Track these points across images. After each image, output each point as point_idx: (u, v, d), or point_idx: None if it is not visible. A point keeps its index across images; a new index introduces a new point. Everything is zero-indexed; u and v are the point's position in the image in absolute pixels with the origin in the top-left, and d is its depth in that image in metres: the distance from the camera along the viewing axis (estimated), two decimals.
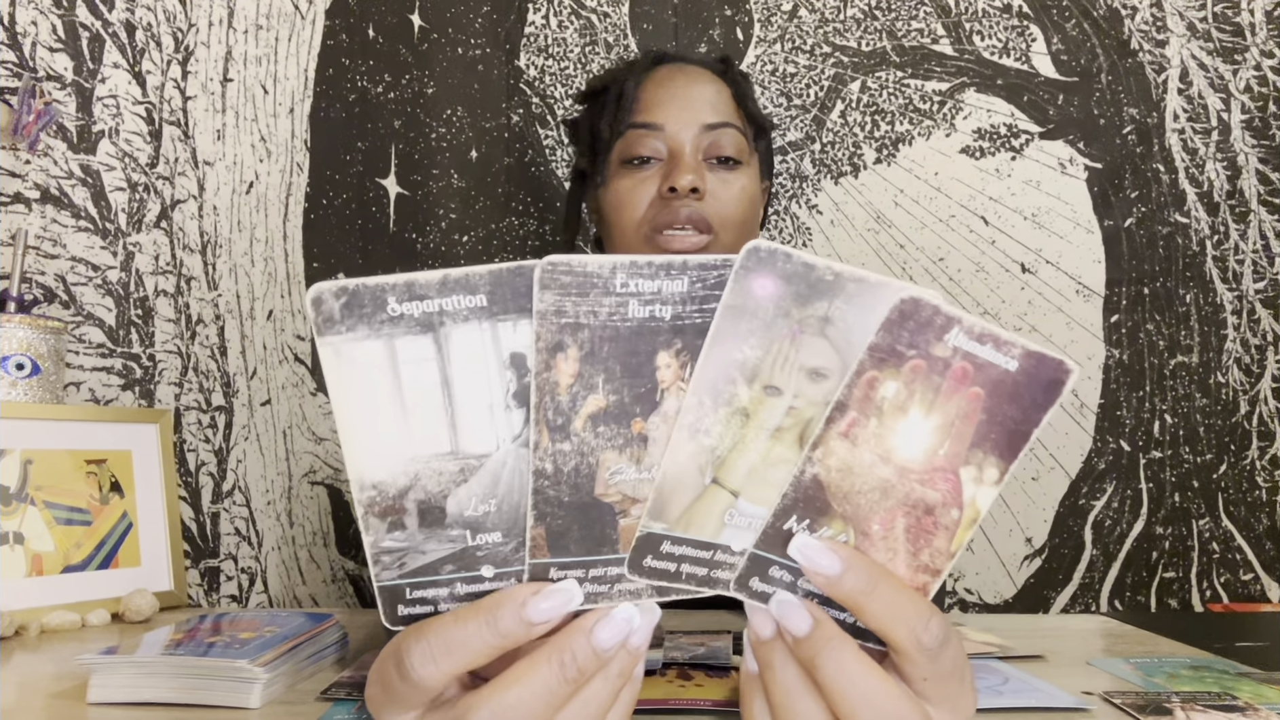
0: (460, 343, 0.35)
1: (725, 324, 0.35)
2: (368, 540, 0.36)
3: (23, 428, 0.84)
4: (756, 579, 0.39)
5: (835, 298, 0.36)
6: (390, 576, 0.37)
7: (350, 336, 0.35)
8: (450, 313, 0.35)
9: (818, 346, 0.36)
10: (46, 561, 0.82)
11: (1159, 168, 1.17)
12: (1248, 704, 0.54)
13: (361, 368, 0.35)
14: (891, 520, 0.38)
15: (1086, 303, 1.17)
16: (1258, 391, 1.16)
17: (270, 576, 1.12)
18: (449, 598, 0.37)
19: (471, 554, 0.37)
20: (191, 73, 1.12)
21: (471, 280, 0.35)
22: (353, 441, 0.36)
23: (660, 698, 0.52)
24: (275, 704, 0.55)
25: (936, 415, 0.37)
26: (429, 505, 0.36)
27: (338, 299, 0.34)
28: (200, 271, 1.11)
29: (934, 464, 0.37)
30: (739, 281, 0.35)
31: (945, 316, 0.36)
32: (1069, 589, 1.15)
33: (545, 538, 0.37)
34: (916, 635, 0.36)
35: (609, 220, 0.86)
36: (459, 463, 0.36)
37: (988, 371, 0.36)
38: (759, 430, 0.37)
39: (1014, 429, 0.37)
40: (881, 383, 0.36)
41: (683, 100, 0.84)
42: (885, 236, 1.17)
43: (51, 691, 0.58)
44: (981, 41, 1.18)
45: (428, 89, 1.17)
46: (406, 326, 0.35)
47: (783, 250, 0.35)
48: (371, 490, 0.36)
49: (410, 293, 0.35)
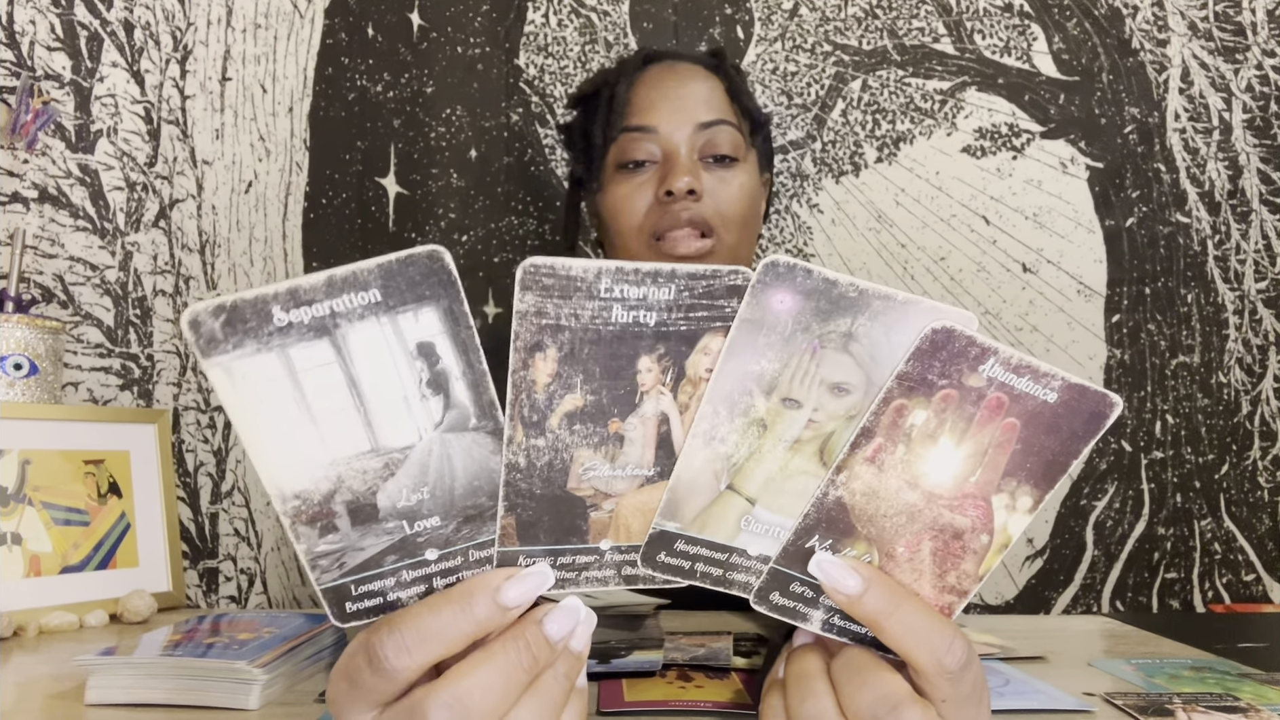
0: (360, 341, 0.35)
1: (742, 336, 0.36)
2: (300, 549, 0.36)
3: (21, 428, 0.84)
4: (777, 593, 0.39)
5: (860, 314, 0.36)
6: (331, 578, 0.37)
7: (238, 354, 0.33)
8: (343, 313, 0.34)
9: (840, 362, 0.36)
10: (44, 562, 0.82)
11: (1160, 167, 1.17)
12: (1249, 705, 0.54)
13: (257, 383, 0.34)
14: (918, 543, 0.38)
15: (1088, 302, 1.16)
16: (1259, 392, 1.16)
17: (269, 577, 1.12)
18: (396, 585, 0.37)
19: (412, 541, 0.37)
20: (190, 72, 1.12)
21: (360, 277, 0.34)
22: (264, 457, 0.35)
23: (660, 699, 0.52)
24: (274, 705, 0.54)
25: (969, 444, 0.37)
26: (358, 504, 0.36)
27: (216, 318, 0.33)
28: (199, 271, 1.11)
29: (964, 490, 0.37)
30: (756, 295, 0.36)
31: (980, 348, 0.36)
32: (1070, 590, 1.15)
33: (515, 527, 0.37)
34: (939, 658, 0.36)
35: (609, 226, 0.86)
36: (382, 458, 0.36)
37: (1025, 403, 0.36)
38: (777, 441, 0.37)
39: (1051, 459, 0.37)
40: (910, 411, 0.36)
41: (675, 100, 0.83)
42: (886, 236, 1.17)
43: (50, 692, 0.58)
44: (982, 40, 1.18)
45: (427, 88, 1.16)
46: (299, 334, 0.34)
47: (802, 266, 0.35)
48: (295, 500, 0.35)
49: (295, 299, 0.33)
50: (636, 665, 0.56)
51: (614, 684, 0.54)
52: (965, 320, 0.36)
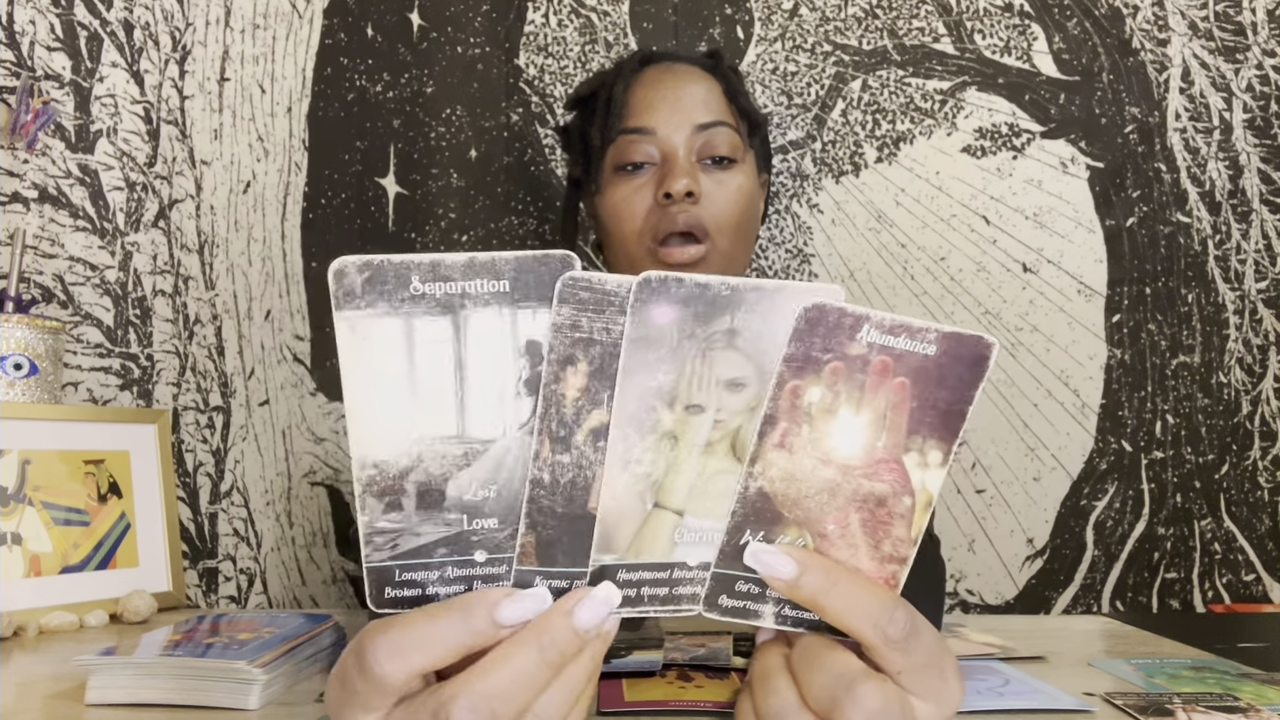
0: (478, 327, 0.35)
1: (634, 356, 0.36)
2: (362, 520, 0.36)
3: (20, 428, 0.84)
4: (724, 596, 0.39)
5: (736, 310, 0.36)
6: (381, 558, 0.37)
7: (369, 312, 0.34)
8: (473, 296, 0.35)
9: (730, 358, 0.37)
10: (44, 562, 0.82)
11: (1161, 167, 1.17)
12: (1249, 705, 0.54)
13: (376, 345, 0.35)
14: (845, 518, 0.39)
15: (1088, 302, 1.16)
16: (1260, 392, 1.16)
17: (269, 577, 1.12)
18: (439, 580, 0.37)
19: (466, 538, 0.37)
20: (189, 72, 1.12)
21: (497, 265, 0.35)
22: (359, 419, 0.35)
23: (660, 699, 0.52)
24: (274, 705, 0.55)
25: (866, 411, 0.37)
26: (429, 487, 0.36)
27: (362, 273, 0.34)
28: (198, 271, 1.11)
29: (875, 457, 0.38)
30: (638, 313, 0.35)
31: (853, 316, 0.36)
32: (1070, 590, 1.14)
33: (535, 546, 0.37)
34: (882, 628, 0.36)
35: (608, 229, 0.86)
36: (463, 446, 0.36)
37: (908, 360, 0.37)
38: (690, 449, 0.37)
39: (947, 409, 0.38)
40: (805, 390, 0.37)
41: (673, 101, 0.83)
42: (886, 236, 1.17)
43: (50, 692, 0.58)
44: (983, 40, 1.18)
45: (427, 88, 1.16)
46: (427, 306, 0.35)
47: (674, 276, 0.35)
48: (372, 469, 0.36)
49: (435, 273, 0.34)
50: (636, 665, 0.56)
51: (614, 684, 0.54)
52: (833, 294, 0.37)
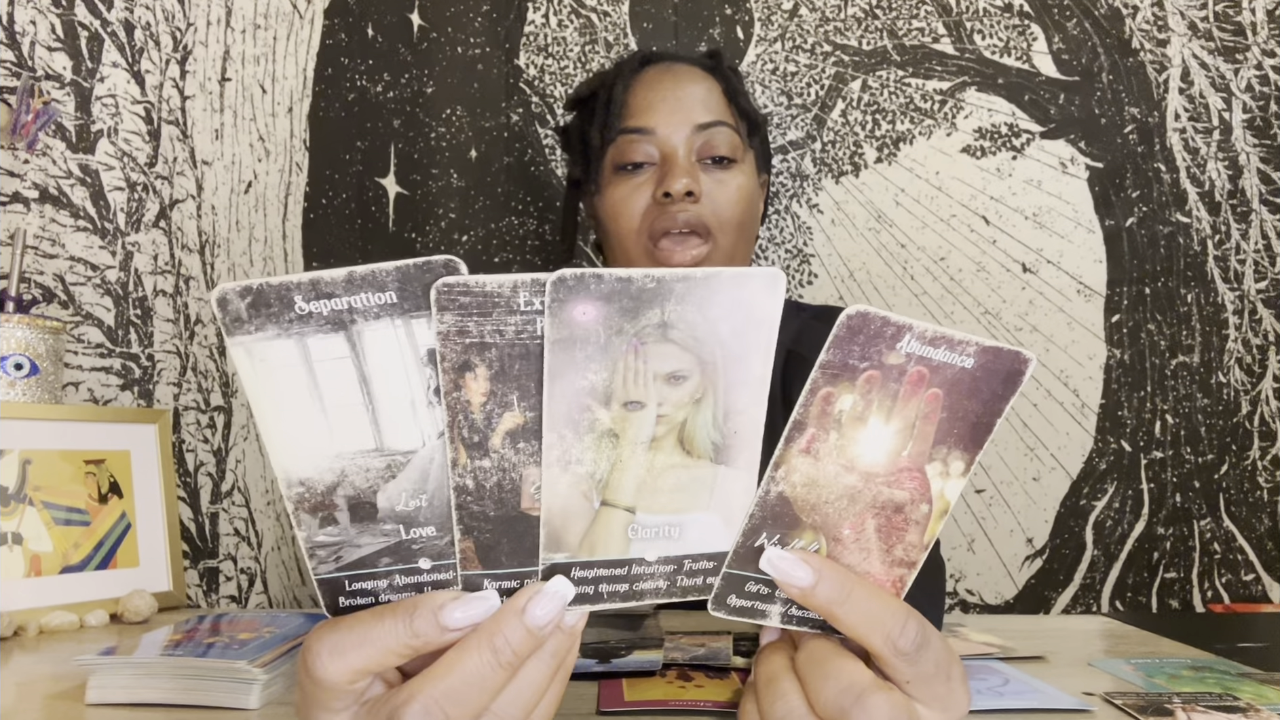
0: (374, 340, 0.35)
1: (558, 357, 0.35)
2: (301, 535, 0.36)
3: (21, 428, 0.84)
4: (734, 596, 0.39)
5: (666, 301, 0.35)
6: (327, 569, 0.37)
7: (260, 336, 0.34)
8: (360, 310, 0.34)
9: (666, 351, 0.36)
10: (45, 562, 0.82)
11: (1160, 167, 1.17)
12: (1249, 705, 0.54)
13: (275, 367, 0.35)
14: (861, 523, 0.38)
15: (1088, 302, 1.16)
16: (1259, 391, 1.16)
17: (270, 577, 1.12)
18: (389, 589, 0.37)
19: (407, 547, 0.37)
20: (190, 72, 1.12)
21: (379, 277, 0.34)
22: (274, 440, 0.35)
23: (660, 698, 0.52)
24: (274, 705, 0.55)
25: (897, 420, 0.37)
26: (359, 501, 0.36)
27: (243, 298, 0.34)
28: (199, 271, 1.11)
29: (898, 465, 0.38)
30: (556, 314, 0.34)
31: (895, 326, 0.36)
32: (1070, 589, 1.15)
33: (475, 550, 0.37)
34: (893, 640, 0.36)
35: (607, 228, 0.86)
36: (385, 459, 0.36)
37: (944, 372, 0.37)
38: (634, 445, 0.37)
39: (976, 421, 0.38)
40: (837, 398, 0.36)
41: (673, 101, 0.83)
42: (886, 236, 1.17)
43: (50, 692, 0.58)
44: (982, 41, 1.18)
45: (427, 88, 1.17)
46: (317, 325, 0.34)
47: (591, 273, 0.34)
48: (299, 487, 0.36)
49: (316, 291, 0.34)
50: (636, 665, 0.56)
51: (614, 684, 0.54)
52: (773, 278, 0.35)
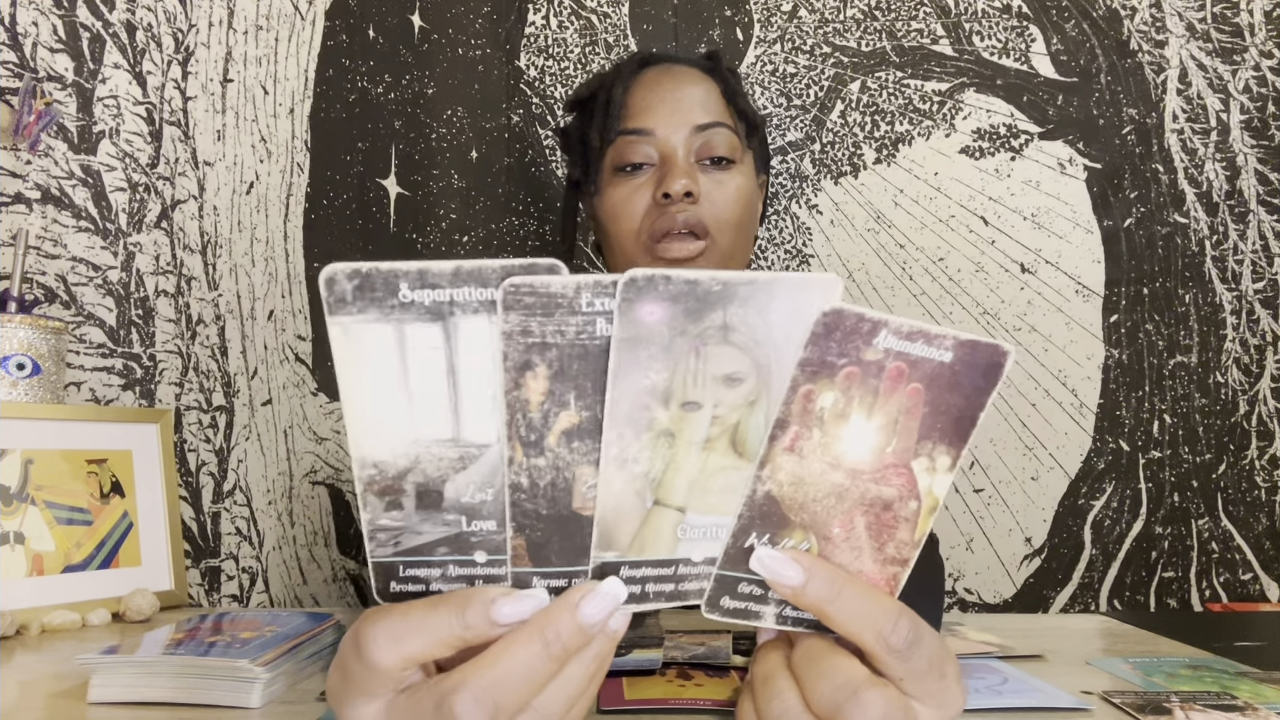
0: (468, 333, 0.36)
1: (623, 357, 0.35)
2: (365, 517, 0.37)
3: (23, 428, 0.84)
4: (727, 598, 0.39)
5: (729, 305, 0.36)
6: (385, 553, 0.37)
7: (360, 318, 0.35)
8: (460, 303, 0.35)
9: (725, 354, 0.36)
10: (47, 561, 0.82)
11: (1158, 168, 1.17)
12: (1247, 703, 0.55)
13: (369, 350, 0.35)
14: (851, 521, 0.39)
15: (1086, 303, 1.17)
16: (1257, 391, 1.16)
17: (271, 576, 1.12)
18: (442, 578, 0.38)
19: (466, 539, 0.37)
20: (192, 73, 1.12)
21: (484, 273, 0.35)
22: (357, 420, 0.36)
23: (660, 697, 0.52)
24: (276, 704, 0.55)
25: (879, 416, 0.37)
26: (427, 488, 0.37)
27: (351, 280, 0.34)
28: (200, 271, 1.12)
29: (884, 462, 0.38)
30: (625, 314, 0.35)
31: (871, 322, 0.36)
32: (1068, 589, 1.15)
33: (526, 548, 0.37)
34: (885, 637, 0.36)
35: (606, 229, 0.86)
36: (459, 450, 0.37)
37: (923, 367, 0.37)
38: (689, 446, 0.37)
39: (959, 416, 0.38)
40: (818, 395, 0.37)
41: (671, 103, 0.83)
42: (885, 236, 1.17)
43: (52, 691, 0.59)
44: (981, 42, 1.18)
45: (428, 89, 1.17)
46: (417, 313, 0.35)
47: (661, 274, 0.35)
48: (372, 469, 0.36)
49: (423, 281, 0.35)
50: (636, 664, 0.56)
51: (614, 682, 0.55)
52: (830, 285, 0.36)
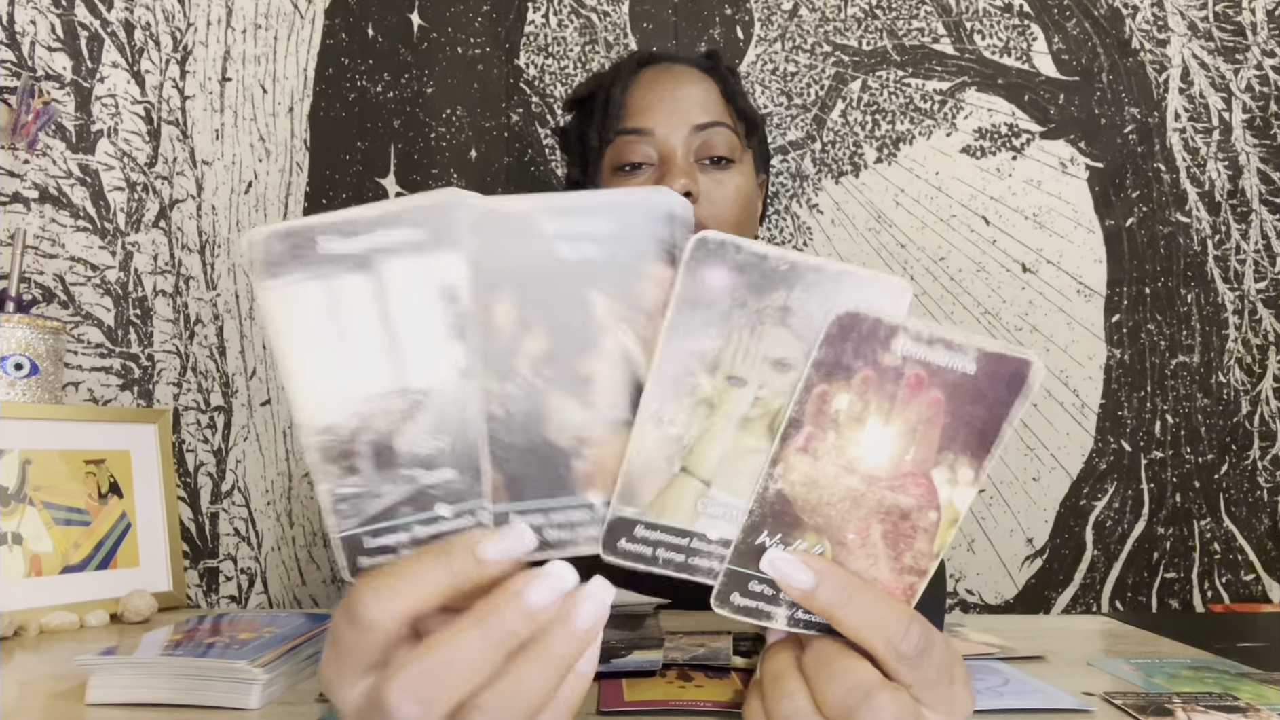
0: (396, 278, 0.35)
1: (681, 315, 0.35)
2: (323, 489, 0.36)
3: (21, 428, 0.84)
4: (737, 594, 0.39)
5: (794, 288, 0.35)
6: (350, 525, 0.36)
7: (289, 279, 0.34)
8: (385, 248, 0.34)
9: (780, 336, 0.36)
10: (45, 562, 0.82)
11: (1160, 167, 1.17)
12: (1249, 705, 0.54)
13: (302, 311, 0.34)
14: (866, 528, 0.38)
15: (1087, 302, 1.16)
16: (1259, 391, 1.16)
17: (270, 577, 1.12)
18: (409, 542, 0.37)
19: (426, 493, 0.37)
20: (190, 72, 1.12)
21: (405, 215, 0.34)
22: (299, 387, 0.35)
23: (660, 698, 0.52)
24: (275, 704, 0.55)
25: (897, 423, 0.36)
26: (380, 445, 0.36)
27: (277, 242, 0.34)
28: (199, 271, 1.11)
29: (902, 470, 0.37)
30: (690, 273, 0.35)
31: (888, 326, 0.35)
32: (1070, 589, 1.15)
33: (504, 483, 0.37)
34: (895, 644, 0.36)
35: None
36: (406, 399, 0.36)
37: (944, 375, 0.36)
38: (726, 420, 0.37)
39: (982, 428, 0.37)
40: (833, 396, 0.36)
41: (671, 102, 0.83)
42: (886, 236, 1.17)
43: (50, 692, 0.58)
44: (982, 41, 1.18)
45: (427, 88, 1.17)
46: (344, 265, 0.34)
47: (732, 241, 0.35)
48: (324, 434, 0.35)
49: (345, 230, 0.34)
50: (636, 665, 0.56)
51: (614, 683, 0.55)
52: (898, 289, 0.35)
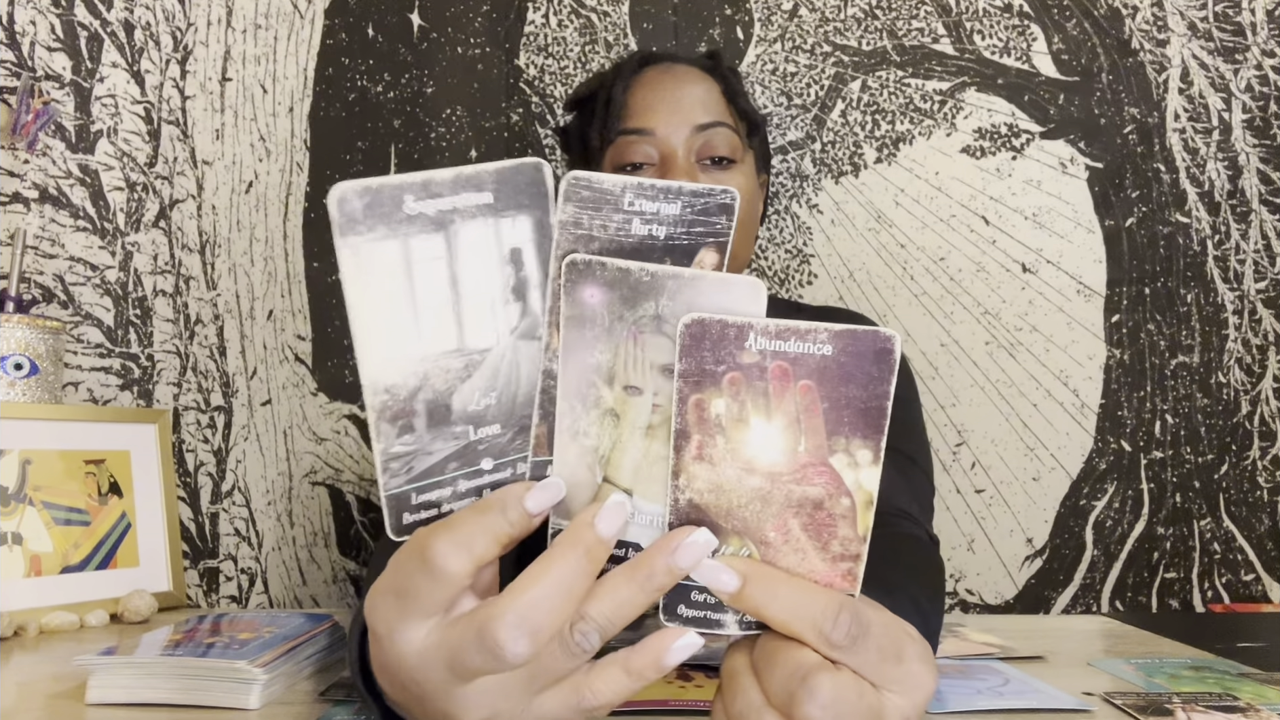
0: (467, 240, 0.36)
1: (571, 333, 0.37)
2: (379, 448, 0.37)
3: (21, 428, 0.84)
4: (682, 606, 0.39)
5: (659, 296, 0.37)
6: (398, 483, 0.37)
7: (370, 237, 0.35)
8: (461, 210, 0.36)
9: (660, 344, 0.37)
10: (45, 562, 0.82)
11: (1160, 167, 1.17)
12: (1249, 704, 0.54)
13: (379, 269, 0.35)
14: (784, 524, 0.38)
15: (1087, 303, 1.16)
16: (1259, 391, 1.16)
17: (270, 577, 1.12)
18: (452, 497, 0.38)
19: (473, 449, 0.38)
20: (190, 72, 1.12)
21: (481, 177, 0.36)
22: (368, 346, 0.36)
23: (660, 698, 0.52)
24: (274, 704, 0.55)
25: (778, 416, 0.37)
26: (436, 404, 0.37)
27: (361, 199, 0.34)
28: (199, 271, 1.11)
29: (800, 461, 0.37)
30: (569, 293, 0.37)
31: (736, 327, 0.36)
32: (1070, 589, 1.15)
33: (547, 436, 0.38)
34: (825, 633, 0.36)
35: None
36: (464, 359, 0.37)
37: (806, 363, 0.36)
38: (632, 429, 0.38)
39: (864, 407, 0.37)
40: (709, 402, 0.37)
41: (672, 102, 0.83)
42: (886, 236, 1.17)
43: (50, 692, 0.58)
44: (982, 41, 1.18)
45: (427, 88, 1.17)
46: (421, 225, 0.35)
47: (598, 259, 0.36)
48: (385, 395, 0.36)
49: (427, 190, 0.35)
50: None
51: None
52: (753, 288, 0.37)
